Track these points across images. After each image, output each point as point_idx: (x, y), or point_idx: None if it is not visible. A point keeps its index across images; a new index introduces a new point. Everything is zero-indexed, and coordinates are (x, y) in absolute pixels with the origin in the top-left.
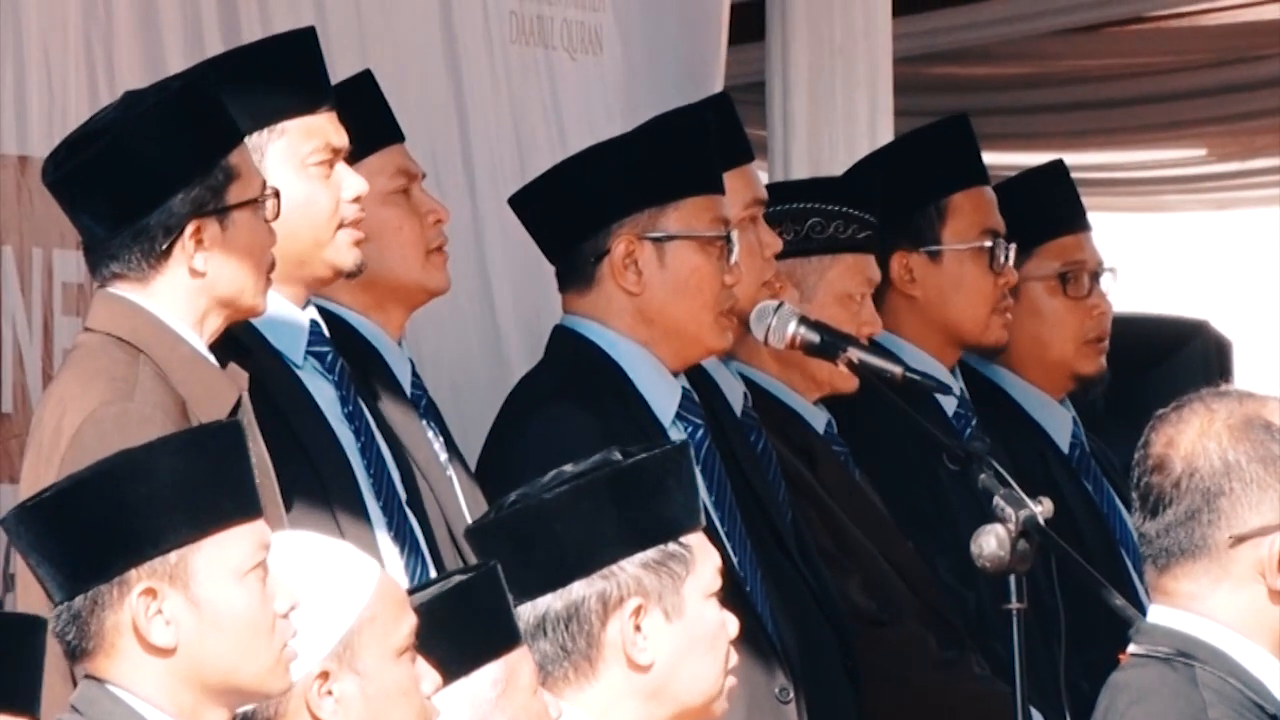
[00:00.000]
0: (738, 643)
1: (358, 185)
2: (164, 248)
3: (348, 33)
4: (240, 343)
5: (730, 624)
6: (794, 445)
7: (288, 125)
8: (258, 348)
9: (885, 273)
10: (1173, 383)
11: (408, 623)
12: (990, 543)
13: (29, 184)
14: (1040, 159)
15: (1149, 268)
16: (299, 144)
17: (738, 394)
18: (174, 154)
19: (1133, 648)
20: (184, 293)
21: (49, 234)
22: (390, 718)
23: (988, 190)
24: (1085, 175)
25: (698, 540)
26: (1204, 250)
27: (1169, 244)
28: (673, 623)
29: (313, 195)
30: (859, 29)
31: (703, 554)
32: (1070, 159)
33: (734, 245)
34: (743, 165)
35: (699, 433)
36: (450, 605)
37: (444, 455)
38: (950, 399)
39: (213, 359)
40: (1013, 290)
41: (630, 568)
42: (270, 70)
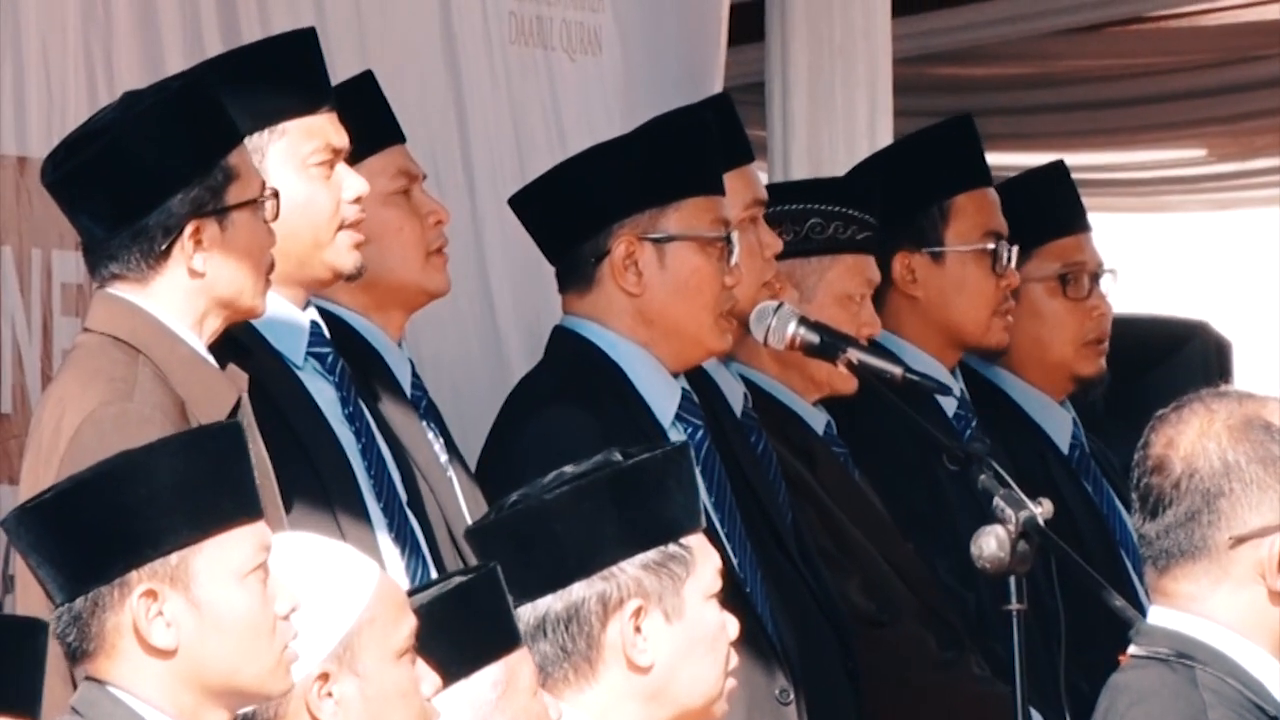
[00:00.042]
0: (738, 644)
1: (358, 186)
2: (163, 248)
3: (347, 33)
4: (240, 344)
5: (730, 625)
6: (794, 446)
7: (288, 126)
8: (258, 349)
9: (886, 273)
10: (1172, 383)
11: (408, 624)
12: (990, 544)
13: (28, 184)
14: (1040, 159)
15: (1149, 268)
16: (299, 144)
17: (738, 395)
18: (173, 154)
19: (1133, 649)
20: (183, 293)
21: (48, 234)
22: (390, 719)
23: (991, 192)
24: (1085, 175)
25: (698, 541)
26: (1204, 250)
27: (1169, 244)
28: (673, 624)
29: (313, 196)
30: (859, 29)
31: (703, 555)
32: (1070, 159)
33: (734, 246)
34: (743, 166)
35: (699, 434)
36: (450, 607)
37: (444, 456)
38: (950, 400)
39: (212, 360)
40: (1013, 291)
41: (630, 569)
42: (270, 71)
